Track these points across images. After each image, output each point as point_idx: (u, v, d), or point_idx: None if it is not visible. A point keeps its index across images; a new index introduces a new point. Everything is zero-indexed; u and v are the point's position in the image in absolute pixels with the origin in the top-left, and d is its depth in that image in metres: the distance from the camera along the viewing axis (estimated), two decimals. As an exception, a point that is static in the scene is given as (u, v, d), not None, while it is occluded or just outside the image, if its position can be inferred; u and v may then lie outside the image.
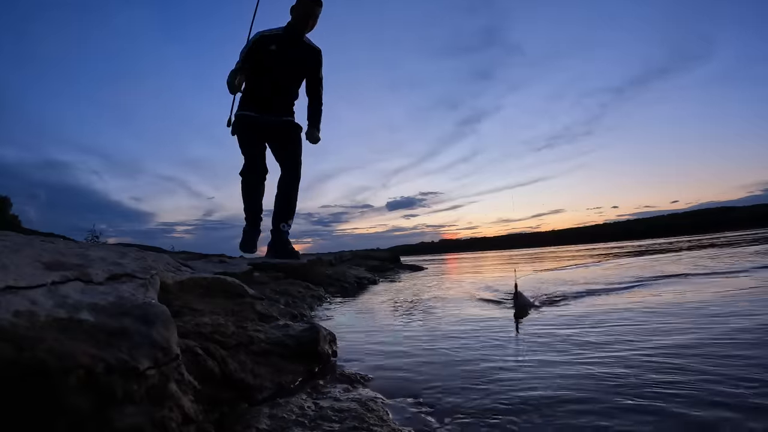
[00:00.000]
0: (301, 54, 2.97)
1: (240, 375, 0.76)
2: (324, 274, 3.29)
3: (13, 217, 15.91)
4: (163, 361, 0.56)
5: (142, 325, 0.60)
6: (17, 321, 0.51)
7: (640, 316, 1.36)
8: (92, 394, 0.47)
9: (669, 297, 1.72)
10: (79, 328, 0.55)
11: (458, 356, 1.03)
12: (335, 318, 1.73)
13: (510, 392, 0.76)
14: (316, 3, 2.89)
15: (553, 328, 1.27)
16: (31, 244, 0.86)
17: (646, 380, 0.77)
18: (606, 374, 0.82)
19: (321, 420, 0.65)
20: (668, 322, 1.24)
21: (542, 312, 1.58)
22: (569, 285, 2.40)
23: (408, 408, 0.72)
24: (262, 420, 0.64)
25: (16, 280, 0.61)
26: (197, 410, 0.59)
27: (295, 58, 2.94)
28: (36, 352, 0.46)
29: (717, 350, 0.92)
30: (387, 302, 2.21)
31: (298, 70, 3.02)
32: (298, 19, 2.89)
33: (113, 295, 0.69)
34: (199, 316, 0.94)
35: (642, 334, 1.11)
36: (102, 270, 0.80)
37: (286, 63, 2.93)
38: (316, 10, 2.91)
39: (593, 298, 1.84)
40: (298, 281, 2.33)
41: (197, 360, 0.72)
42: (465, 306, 1.85)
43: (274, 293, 1.80)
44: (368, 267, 4.97)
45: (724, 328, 1.11)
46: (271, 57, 2.88)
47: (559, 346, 1.06)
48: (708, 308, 1.39)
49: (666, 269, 2.93)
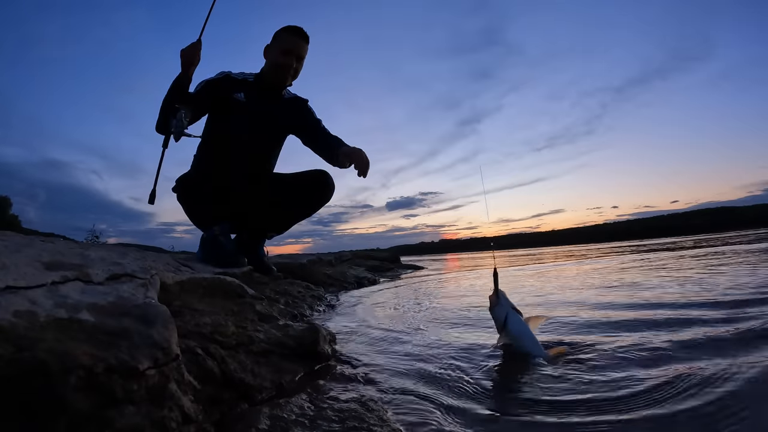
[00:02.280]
0: (280, 109, 2.07)
1: (240, 375, 0.76)
2: (324, 274, 3.30)
3: (13, 217, 15.92)
4: (163, 361, 0.56)
5: (142, 325, 0.60)
6: (17, 321, 0.51)
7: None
8: (92, 394, 0.47)
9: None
10: (79, 328, 0.55)
11: (459, 355, 1.03)
12: (335, 318, 1.73)
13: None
14: (302, 37, 1.96)
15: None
16: (31, 244, 0.86)
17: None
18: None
19: (321, 420, 0.65)
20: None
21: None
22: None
23: (408, 407, 0.73)
24: (262, 420, 0.64)
25: (16, 280, 0.61)
26: (197, 410, 0.60)
27: (269, 112, 2.04)
28: (36, 352, 0.46)
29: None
30: (387, 302, 2.21)
31: (276, 129, 2.11)
32: (274, 64, 1.97)
33: (113, 295, 0.69)
34: (199, 316, 0.94)
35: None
36: (102, 270, 0.80)
37: (259, 118, 2.01)
38: (303, 49, 1.98)
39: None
40: (298, 281, 2.33)
41: (197, 360, 0.72)
42: (465, 305, 1.84)
43: (274, 293, 1.80)
44: (368, 267, 4.97)
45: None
46: (238, 107, 1.96)
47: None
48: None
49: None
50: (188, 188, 2.01)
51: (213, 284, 1.27)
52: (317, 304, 2.00)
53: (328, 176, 2.07)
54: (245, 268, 1.89)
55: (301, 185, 2.07)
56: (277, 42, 1.97)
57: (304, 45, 1.98)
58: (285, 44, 1.94)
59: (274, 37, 1.98)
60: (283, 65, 1.95)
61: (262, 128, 2.04)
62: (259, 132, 2.03)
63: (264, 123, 2.03)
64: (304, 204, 2.11)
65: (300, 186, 2.07)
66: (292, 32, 1.96)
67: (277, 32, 1.98)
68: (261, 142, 2.06)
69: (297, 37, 1.96)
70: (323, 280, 3.05)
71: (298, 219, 2.17)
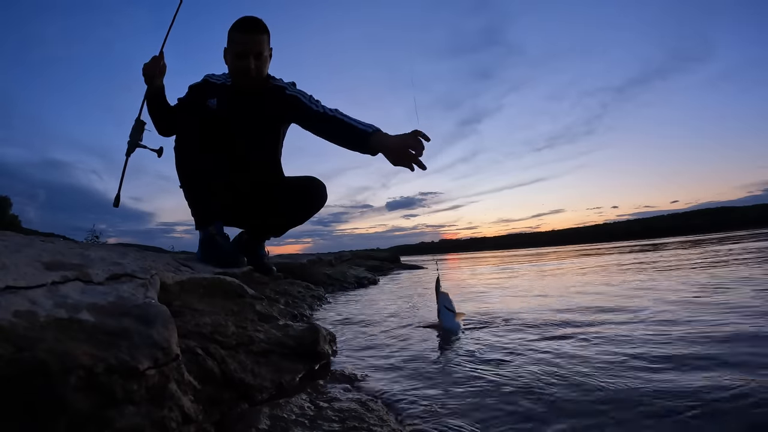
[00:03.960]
0: (264, 101, 1.90)
1: (240, 375, 0.76)
2: (324, 274, 3.30)
3: (13, 217, 15.93)
4: (163, 361, 0.56)
5: (142, 325, 0.60)
6: (17, 321, 0.51)
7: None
8: (92, 394, 0.47)
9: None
10: (79, 328, 0.55)
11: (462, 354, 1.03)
12: (335, 318, 1.73)
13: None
14: (253, 31, 1.75)
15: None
16: (31, 244, 0.86)
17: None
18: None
19: (321, 420, 0.65)
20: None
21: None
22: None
23: (408, 408, 0.73)
24: (262, 420, 0.64)
25: (16, 280, 0.61)
26: (197, 410, 0.60)
27: (246, 110, 1.89)
28: (36, 352, 0.46)
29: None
30: (387, 302, 2.21)
31: (263, 121, 1.94)
32: (234, 71, 1.82)
33: (113, 295, 0.69)
34: (199, 316, 0.94)
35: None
36: (102, 270, 0.80)
37: (235, 120, 1.88)
38: (259, 43, 1.76)
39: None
40: (298, 281, 2.34)
41: (197, 360, 0.72)
42: (464, 305, 1.85)
43: (274, 293, 1.80)
44: (368, 267, 4.97)
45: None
46: (210, 114, 1.84)
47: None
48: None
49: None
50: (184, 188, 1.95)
51: (213, 284, 1.27)
52: (317, 304, 2.00)
53: (319, 184, 2.00)
54: (245, 268, 1.89)
55: (291, 192, 2.00)
56: (230, 45, 1.79)
57: (258, 38, 1.76)
58: (237, 47, 1.76)
59: (228, 38, 1.79)
60: (242, 70, 1.79)
61: (243, 128, 1.91)
62: (240, 133, 1.91)
63: (243, 122, 1.90)
64: (295, 211, 2.05)
65: (291, 193, 2.00)
66: (242, 30, 1.75)
67: (229, 31, 1.78)
68: (244, 140, 1.92)
69: (247, 34, 1.74)
70: (323, 280, 3.05)
71: (289, 225, 2.11)
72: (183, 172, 1.90)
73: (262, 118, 1.94)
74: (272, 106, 1.92)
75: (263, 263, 2.13)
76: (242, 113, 1.89)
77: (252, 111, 1.90)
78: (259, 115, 1.92)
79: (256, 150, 1.97)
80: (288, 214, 2.06)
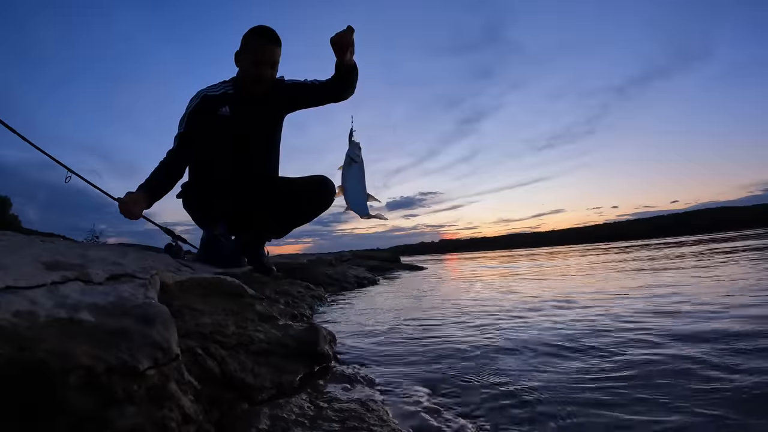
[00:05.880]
0: (271, 101, 1.99)
1: (240, 375, 0.76)
2: (324, 274, 3.30)
3: (13, 217, 15.93)
4: (163, 361, 0.56)
5: (142, 325, 0.60)
6: (17, 321, 0.51)
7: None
8: (92, 394, 0.47)
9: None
10: (79, 328, 0.55)
11: (461, 355, 1.03)
12: (335, 318, 1.73)
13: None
14: (273, 41, 1.84)
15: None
16: (31, 244, 0.86)
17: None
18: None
19: (321, 420, 0.65)
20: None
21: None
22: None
23: (408, 407, 0.73)
24: (262, 420, 0.64)
25: (16, 280, 0.61)
26: (197, 410, 0.59)
27: (258, 111, 1.97)
28: (36, 352, 0.46)
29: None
30: (387, 302, 2.21)
31: (273, 122, 2.06)
32: (249, 77, 1.88)
33: (113, 295, 0.69)
34: (199, 316, 0.94)
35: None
36: (102, 270, 0.80)
37: (248, 125, 1.95)
38: (276, 54, 1.87)
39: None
40: (298, 281, 2.33)
41: (197, 360, 0.72)
42: (463, 303, 1.84)
43: (274, 293, 1.80)
44: (368, 267, 4.98)
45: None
46: (224, 122, 1.90)
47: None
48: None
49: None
50: (189, 194, 2.02)
51: (213, 284, 1.27)
52: (317, 304, 2.00)
53: (329, 182, 2.04)
54: (245, 268, 1.89)
55: (302, 190, 2.04)
56: (247, 51, 1.85)
57: (276, 49, 1.86)
58: (256, 54, 1.83)
59: (244, 44, 1.86)
60: (260, 77, 1.86)
61: (255, 130, 1.99)
62: (253, 135, 1.99)
63: (256, 125, 1.98)
64: (305, 209, 2.09)
65: (301, 191, 2.04)
66: (262, 38, 1.84)
67: (246, 37, 1.86)
68: (256, 142, 2.01)
69: (267, 43, 1.84)
70: (323, 280, 3.05)
71: (297, 224, 2.15)
72: (196, 190, 1.99)
73: (271, 119, 2.04)
74: (277, 103, 2.02)
75: (263, 263, 2.15)
76: (253, 117, 1.96)
77: (261, 114, 1.99)
78: (267, 117, 2.02)
79: (267, 149, 2.07)
80: (298, 211, 2.10)
